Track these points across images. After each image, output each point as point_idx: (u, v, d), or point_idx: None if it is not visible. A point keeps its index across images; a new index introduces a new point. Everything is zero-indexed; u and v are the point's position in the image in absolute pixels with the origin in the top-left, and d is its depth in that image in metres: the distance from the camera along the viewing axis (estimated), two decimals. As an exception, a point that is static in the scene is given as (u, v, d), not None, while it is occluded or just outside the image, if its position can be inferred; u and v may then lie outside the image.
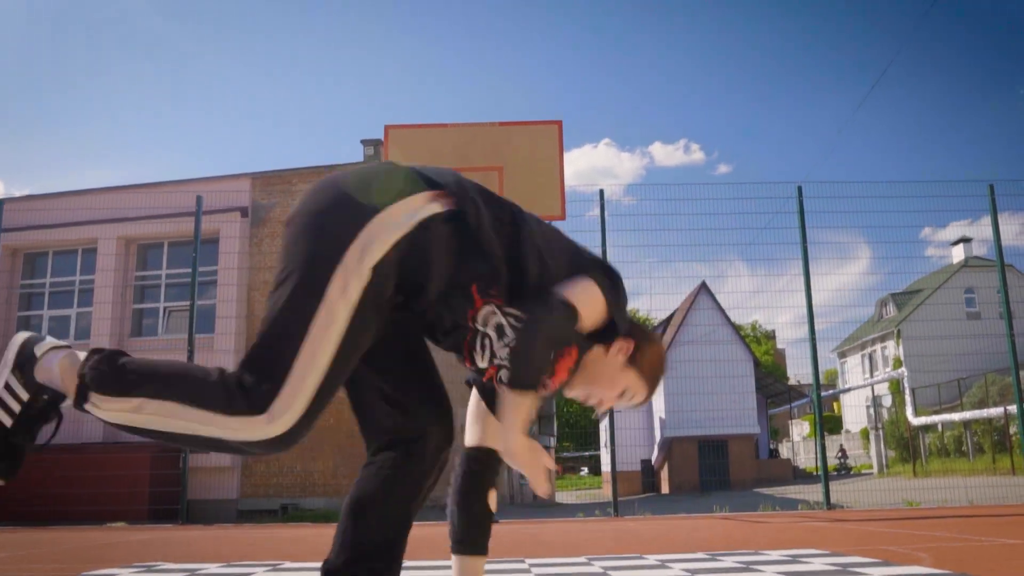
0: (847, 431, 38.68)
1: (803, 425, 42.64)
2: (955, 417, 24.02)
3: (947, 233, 38.35)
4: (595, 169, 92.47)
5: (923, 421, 25.46)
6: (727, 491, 25.13)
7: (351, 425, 2.52)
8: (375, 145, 14.32)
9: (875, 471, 26.96)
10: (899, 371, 28.96)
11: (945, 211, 10.13)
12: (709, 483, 29.56)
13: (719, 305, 30.74)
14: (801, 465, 35.31)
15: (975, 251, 35.81)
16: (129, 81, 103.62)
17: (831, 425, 41.02)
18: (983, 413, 22.59)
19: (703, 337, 29.75)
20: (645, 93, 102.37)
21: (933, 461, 24.37)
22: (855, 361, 43.88)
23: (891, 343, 38.45)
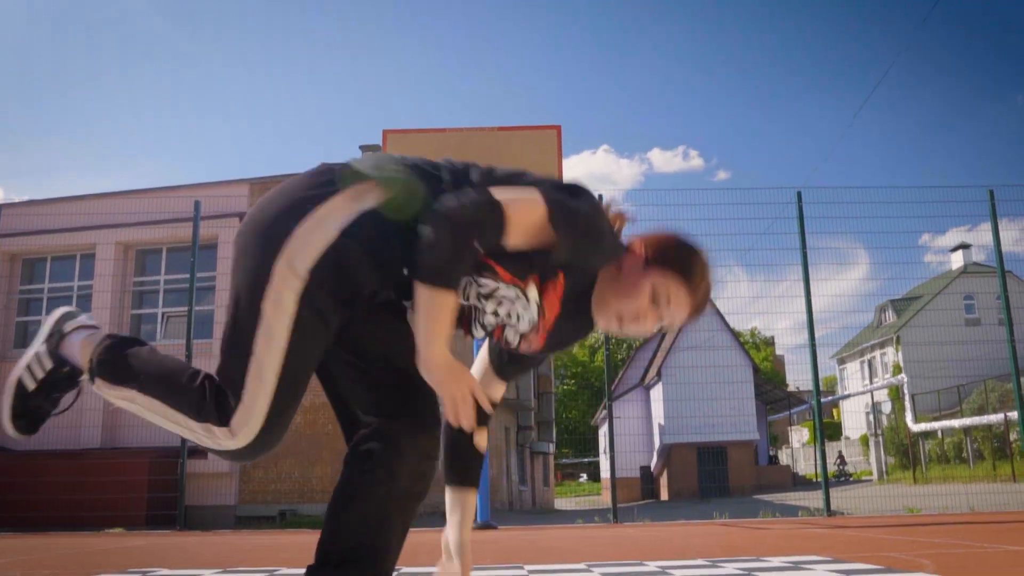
0: (847, 438, 38.68)
1: (802, 432, 42.62)
2: (955, 424, 24.02)
3: (946, 239, 38.41)
4: (594, 175, 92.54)
5: (923, 428, 25.45)
6: (726, 498, 25.10)
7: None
8: (374, 150, 14.33)
9: (875, 478, 26.94)
10: (899, 377, 28.97)
11: (944, 216, 10.08)
12: (708, 490, 29.53)
13: (718, 311, 30.68)
14: (800, 472, 35.27)
15: (974, 257, 35.87)
16: (128, 85, 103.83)
17: (830, 432, 41.01)
18: (983, 420, 22.57)
19: (702, 343, 29.73)
20: (644, 99, 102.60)
21: (933, 468, 24.35)
22: (854, 367, 43.89)
23: (890, 349, 38.47)
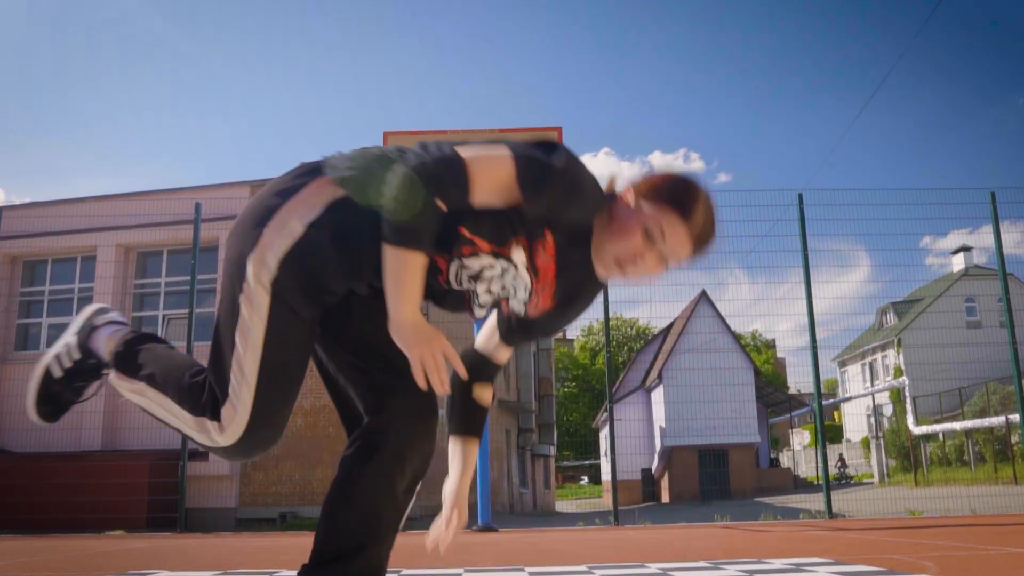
0: (848, 440, 38.64)
1: (803, 434, 42.58)
2: (956, 426, 24.00)
3: (947, 242, 38.46)
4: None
5: (924, 430, 25.43)
6: (727, 500, 25.07)
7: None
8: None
9: (876, 480, 26.90)
10: (900, 380, 28.95)
11: (946, 219, 10.07)
12: (709, 492, 29.48)
13: (719, 314, 30.72)
14: (802, 474, 35.23)
15: (975, 260, 35.87)
16: (128, 87, 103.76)
17: (832, 434, 40.96)
18: (984, 422, 22.56)
19: (703, 346, 29.72)
20: (645, 102, 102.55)
21: (934, 470, 24.32)
22: (855, 370, 43.85)
23: (892, 352, 38.44)
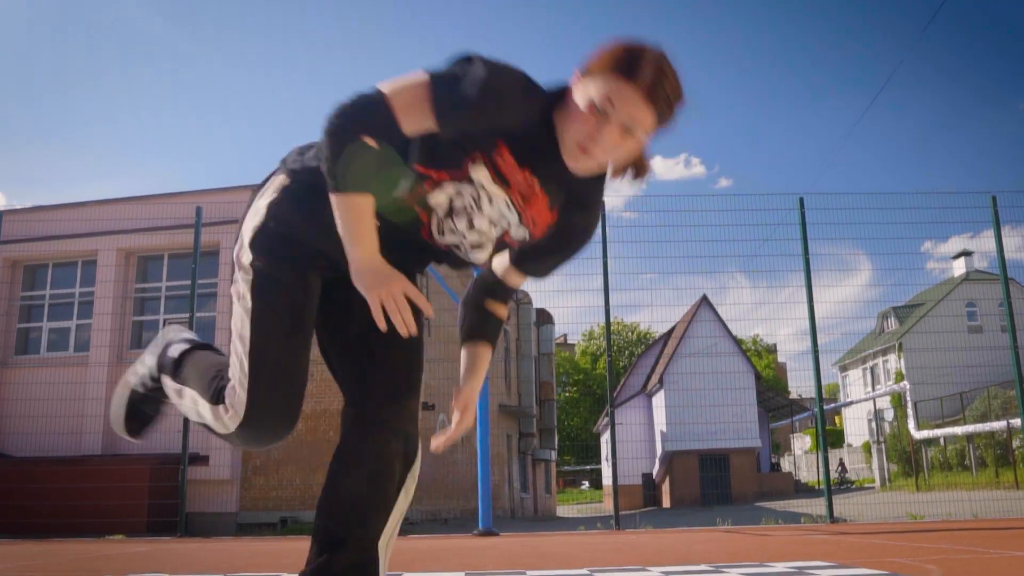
0: (849, 445, 38.58)
1: (804, 439, 42.53)
2: (958, 431, 23.96)
3: (948, 247, 38.42)
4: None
5: (925, 435, 25.39)
6: (729, 505, 25.03)
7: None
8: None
9: (877, 485, 26.86)
10: (901, 384, 28.90)
11: (947, 223, 10.11)
12: (710, 497, 29.44)
13: (720, 318, 30.72)
14: (803, 479, 35.18)
15: (976, 265, 35.85)
16: (129, 90, 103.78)
17: (833, 439, 40.88)
18: (986, 427, 22.52)
19: (704, 350, 29.70)
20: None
21: (936, 475, 24.28)
22: (856, 375, 43.79)
23: (893, 356, 38.40)
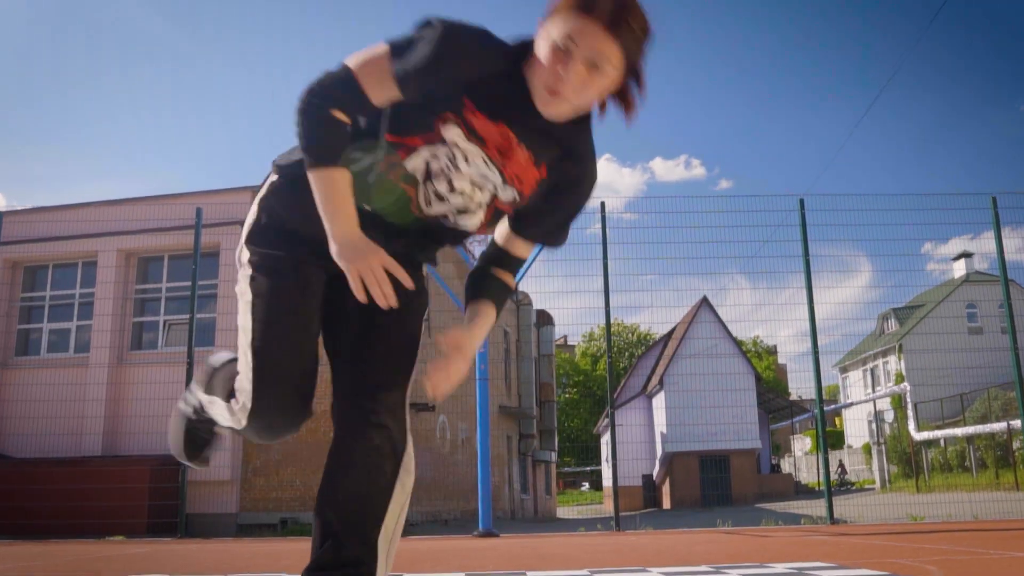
0: (849, 446, 38.57)
1: (805, 440, 42.51)
2: (958, 432, 23.95)
3: (948, 248, 38.42)
4: (596, 184, 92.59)
5: (926, 436, 25.38)
6: (729, 506, 25.02)
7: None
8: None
9: (878, 486, 26.86)
10: (901, 386, 28.89)
11: (947, 224, 10.11)
12: (711, 498, 29.43)
13: (720, 319, 30.72)
14: (803, 480, 35.18)
15: (976, 266, 35.85)
16: (129, 92, 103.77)
17: (833, 440, 40.87)
18: (986, 428, 22.51)
19: (704, 352, 29.69)
20: (646, 108, 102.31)
21: (936, 476, 24.27)
22: (857, 376, 43.79)
23: (893, 358, 38.39)
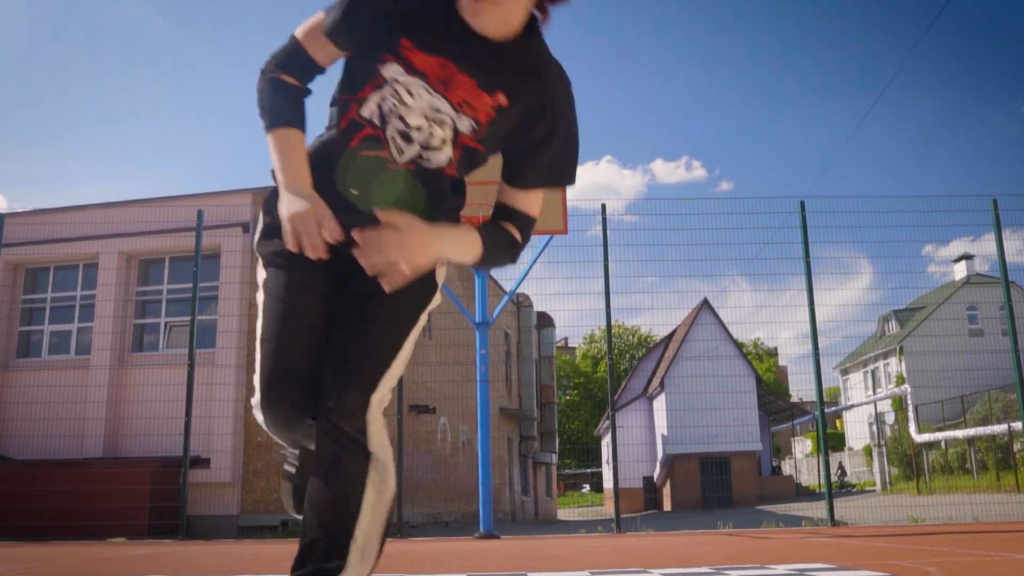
0: (850, 448, 38.54)
1: (805, 442, 42.48)
2: (959, 434, 23.94)
3: (949, 250, 38.42)
4: (596, 186, 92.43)
5: (926, 438, 25.37)
6: (729, 508, 25.00)
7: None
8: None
9: (878, 488, 26.84)
10: (902, 388, 28.89)
11: (948, 226, 10.09)
12: (711, 500, 29.41)
13: (721, 321, 30.71)
14: (804, 483, 35.16)
15: (977, 268, 35.84)
16: (129, 91, 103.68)
17: (834, 442, 40.83)
18: (987, 430, 22.50)
19: (705, 354, 29.68)
20: (647, 110, 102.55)
21: (937, 478, 24.26)
22: (857, 378, 43.75)
23: (894, 360, 38.37)
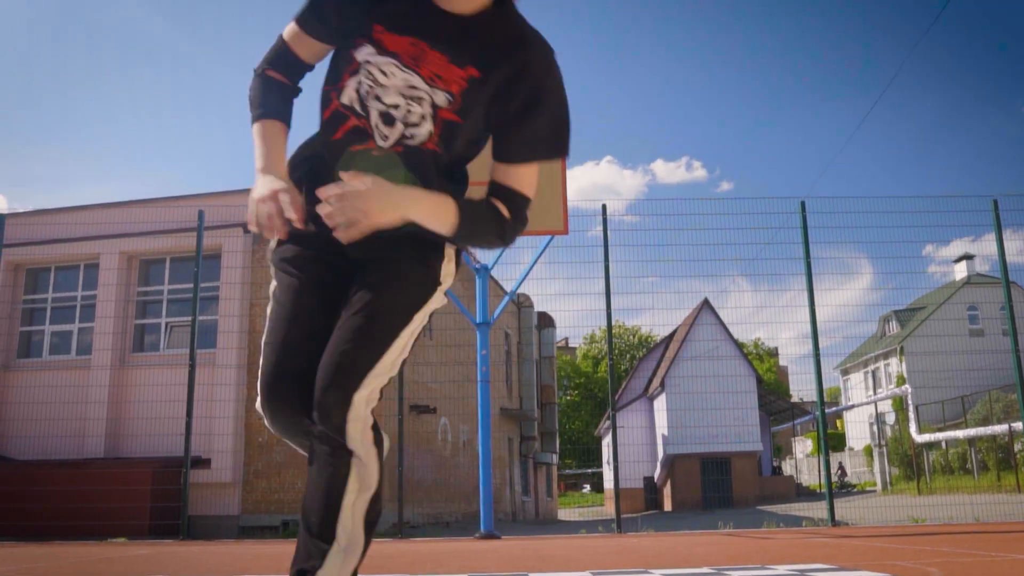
0: (850, 448, 38.54)
1: (806, 443, 42.47)
2: (959, 434, 23.93)
3: (950, 250, 38.41)
4: (597, 186, 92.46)
5: (927, 438, 25.36)
6: (730, 508, 25.00)
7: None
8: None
9: (879, 488, 26.83)
10: (902, 388, 28.87)
11: (948, 226, 10.08)
12: (712, 500, 29.39)
13: (721, 321, 30.69)
14: (804, 483, 35.16)
15: (977, 268, 35.83)
16: (129, 91, 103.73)
17: (834, 443, 40.83)
18: (987, 430, 22.49)
19: (706, 354, 29.67)
20: (647, 110, 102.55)
21: (937, 478, 24.25)
22: (858, 378, 43.75)
23: (894, 360, 38.36)
